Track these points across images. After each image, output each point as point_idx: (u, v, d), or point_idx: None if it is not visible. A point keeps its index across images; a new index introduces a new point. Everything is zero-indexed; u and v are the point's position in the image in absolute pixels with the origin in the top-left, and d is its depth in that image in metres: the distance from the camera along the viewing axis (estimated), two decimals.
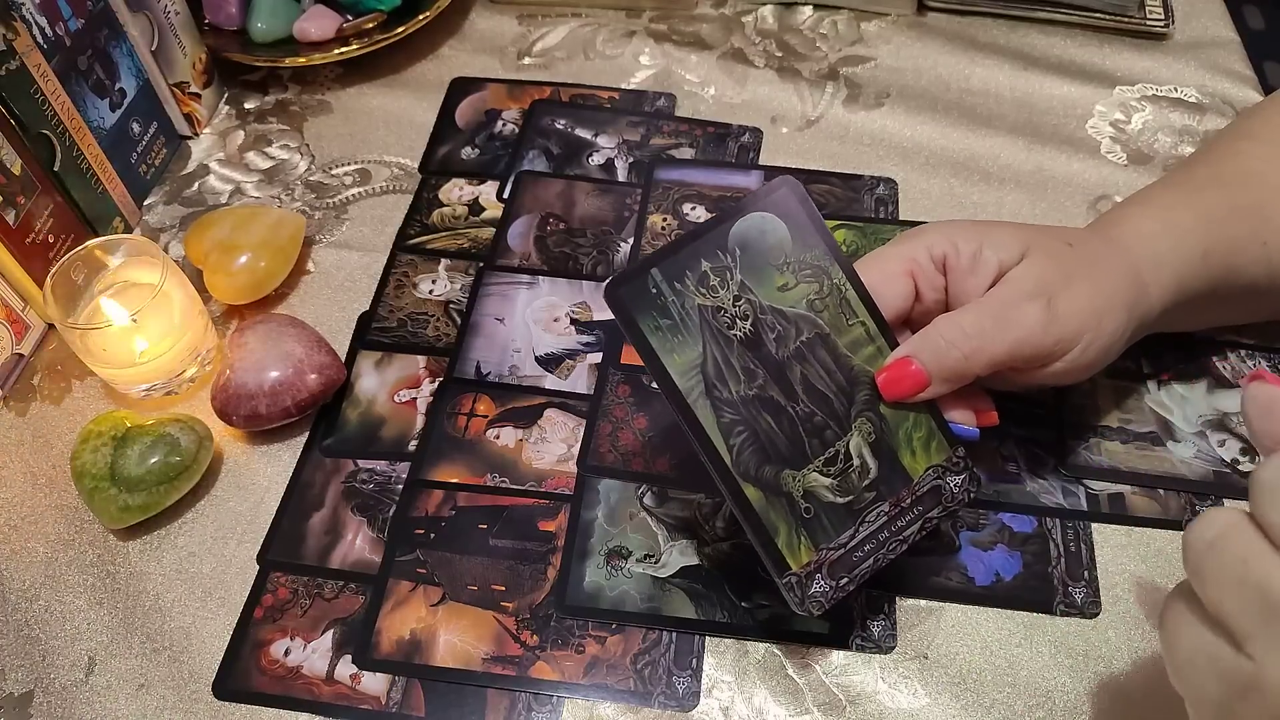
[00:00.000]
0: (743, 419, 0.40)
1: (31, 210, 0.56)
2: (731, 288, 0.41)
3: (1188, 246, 0.46)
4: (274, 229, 0.59)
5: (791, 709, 0.45)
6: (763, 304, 0.41)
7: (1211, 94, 0.68)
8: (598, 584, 0.48)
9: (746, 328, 0.41)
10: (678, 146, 0.67)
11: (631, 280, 0.40)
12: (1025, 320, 0.42)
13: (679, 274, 0.40)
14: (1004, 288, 0.43)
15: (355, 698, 0.46)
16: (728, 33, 0.75)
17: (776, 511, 0.40)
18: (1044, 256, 0.43)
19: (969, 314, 0.42)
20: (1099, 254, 0.45)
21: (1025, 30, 0.74)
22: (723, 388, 0.40)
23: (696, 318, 0.40)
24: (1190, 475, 0.51)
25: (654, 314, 0.40)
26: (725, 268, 0.41)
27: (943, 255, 0.44)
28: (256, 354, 0.53)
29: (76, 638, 0.48)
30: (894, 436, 0.42)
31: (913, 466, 0.42)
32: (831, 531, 0.41)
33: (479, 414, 0.54)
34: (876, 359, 0.42)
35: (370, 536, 0.50)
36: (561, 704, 0.45)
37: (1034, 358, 0.42)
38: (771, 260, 0.41)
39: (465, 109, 0.70)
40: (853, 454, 0.41)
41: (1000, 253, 0.43)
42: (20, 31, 0.54)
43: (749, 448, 0.40)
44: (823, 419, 0.41)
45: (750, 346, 0.41)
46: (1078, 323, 0.42)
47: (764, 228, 0.41)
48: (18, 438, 0.55)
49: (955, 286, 0.44)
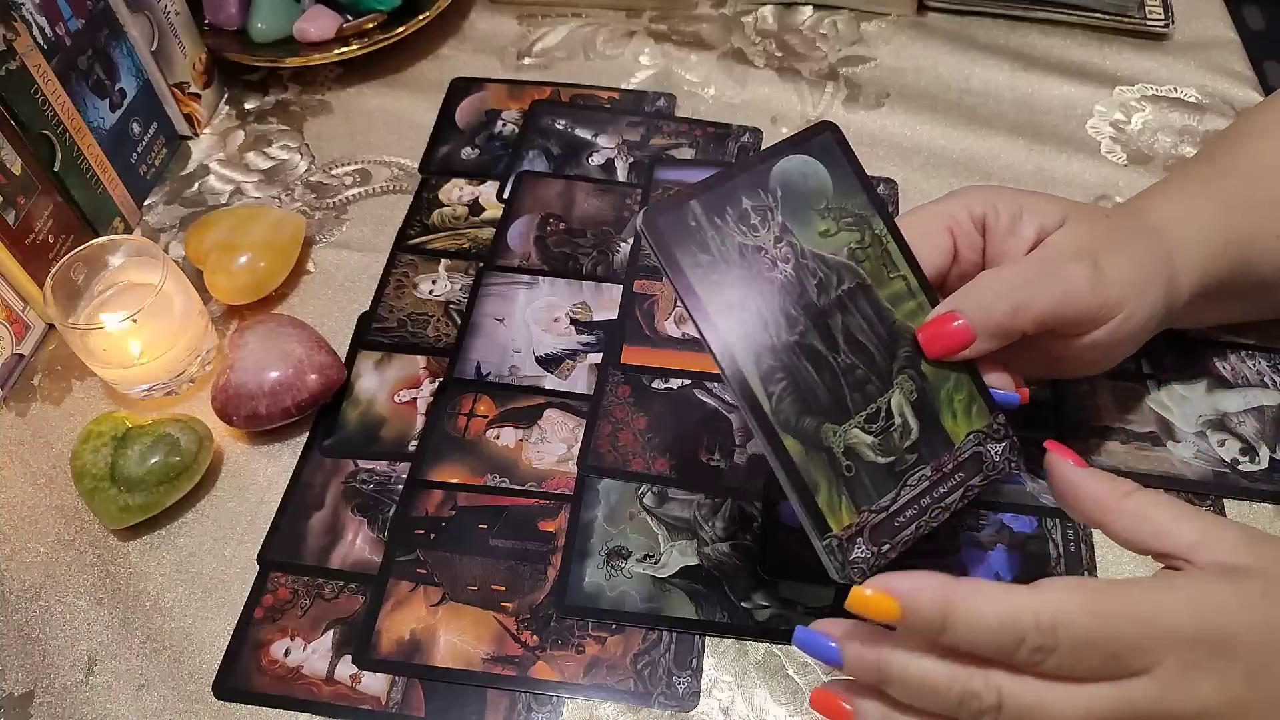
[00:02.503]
0: (783, 366, 0.38)
1: (31, 210, 0.56)
2: (773, 228, 0.38)
3: (1211, 234, 0.46)
4: (274, 229, 0.59)
5: (791, 709, 0.45)
6: (804, 248, 0.39)
7: (1211, 94, 0.68)
8: (598, 584, 0.48)
9: (788, 270, 0.38)
10: (678, 147, 0.67)
11: (670, 210, 0.37)
12: (1072, 277, 0.41)
13: (719, 209, 0.38)
14: (1049, 248, 0.42)
15: (355, 698, 0.46)
16: (728, 33, 0.75)
17: (816, 466, 0.38)
18: (1085, 223, 0.43)
19: (1015, 268, 0.41)
20: (1136, 229, 0.44)
21: (1025, 30, 0.74)
22: (762, 332, 0.38)
23: (736, 256, 0.38)
24: (1190, 475, 0.51)
25: (693, 248, 0.37)
26: (766, 207, 0.38)
27: (982, 215, 0.43)
28: (256, 354, 0.53)
29: (76, 638, 0.48)
30: (935, 397, 0.40)
31: (954, 430, 0.40)
32: (874, 493, 0.38)
33: (479, 414, 0.54)
34: (918, 315, 0.41)
35: (370, 536, 0.50)
36: (561, 704, 0.45)
37: (1079, 320, 0.42)
38: (813, 204, 0.39)
39: (465, 109, 0.70)
40: (894, 412, 0.39)
41: (1041, 217, 0.43)
42: (20, 31, 0.54)
43: (788, 396, 0.38)
44: (864, 372, 0.39)
45: (790, 291, 0.38)
46: (1121, 288, 0.42)
47: (805, 170, 0.39)
48: (18, 438, 0.55)
49: (993, 248, 0.43)
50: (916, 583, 0.33)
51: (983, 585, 0.33)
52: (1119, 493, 0.37)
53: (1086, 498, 0.38)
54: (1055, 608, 0.32)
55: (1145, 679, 0.32)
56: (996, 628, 0.32)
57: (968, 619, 0.32)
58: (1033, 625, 0.32)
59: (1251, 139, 0.50)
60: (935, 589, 0.33)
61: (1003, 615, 0.32)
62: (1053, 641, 0.32)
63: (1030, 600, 0.32)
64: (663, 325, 0.58)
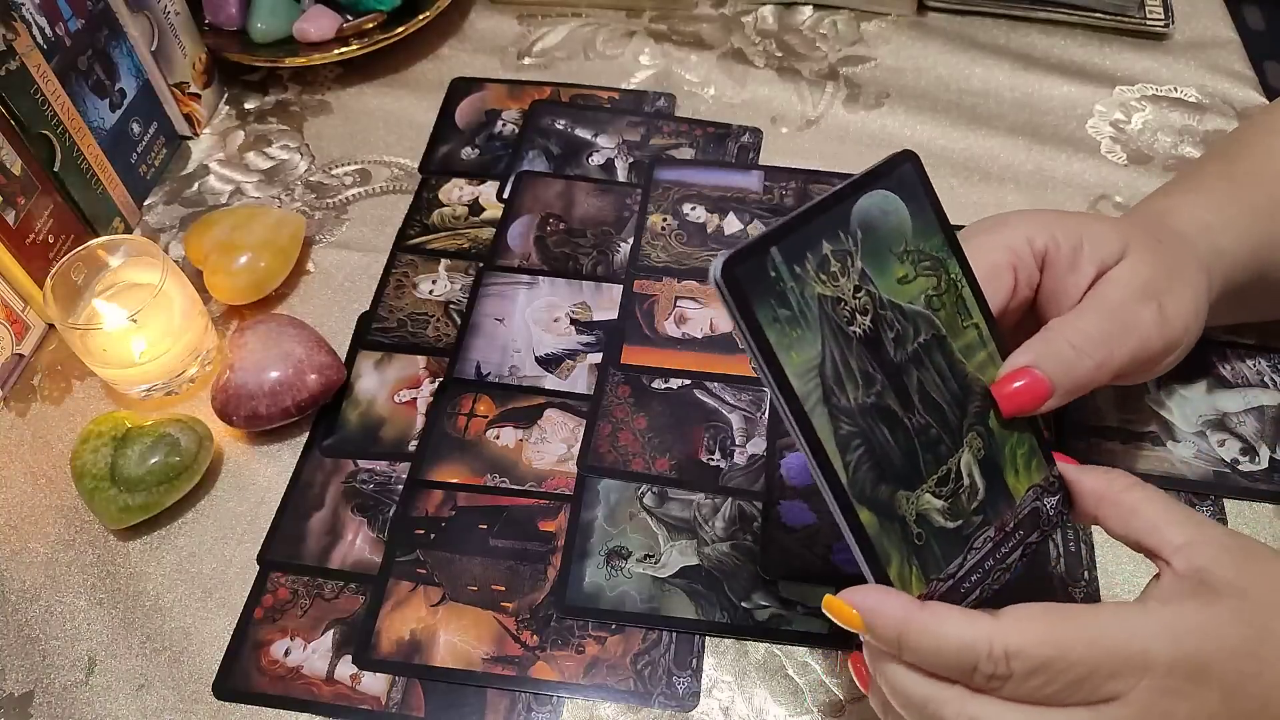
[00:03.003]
0: (860, 431, 0.35)
1: (31, 210, 0.56)
2: (852, 276, 0.35)
3: (1241, 242, 0.45)
4: (274, 229, 0.59)
5: (791, 709, 0.45)
6: (882, 297, 0.36)
7: (1211, 94, 0.68)
8: (598, 584, 0.48)
9: (866, 324, 0.36)
10: (678, 146, 0.67)
11: (749, 259, 0.33)
12: (1142, 325, 0.40)
13: (799, 255, 0.34)
14: (1116, 290, 0.40)
15: (355, 698, 0.46)
16: (728, 33, 0.75)
17: (890, 538, 0.36)
18: (1146, 255, 0.42)
19: (1089, 319, 0.40)
20: (1183, 253, 0.43)
21: (1025, 30, 0.74)
22: (840, 394, 0.35)
23: (816, 309, 0.35)
24: (1190, 475, 0.51)
25: (772, 302, 0.34)
26: (846, 252, 0.35)
27: (1044, 248, 0.42)
28: (256, 354, 0.53)
29: (76, 638, 0.48)
30: (1000, 453, 0.38)
31: (1015, 487, 0.38)
32: (942, 561, 0.37)
33: (479, 414, 0.54)
34: (988, 366, 0.38)
35: (370, 536, 0.50)
36: (561, 704, 0.45)
37: (1145, 363, 0.41)
38: (892, 247, 0.36)
39: (465, 109, 0.70)
40: (963, 473, 0.37)
41: (1101, 249, 0.41)
42: (20, 31, 0.54)
43: (865, 464, 0.36)
44: (937, 432, 0.37)
45: (869, 346, 0.36)
46: (1182, 324, 0.41)
47: (886, 208, 0.36)
48: (18, 438, 0.55)
49: (1052, 283, 0.42)
50: (879, 601, 0.34)
51: (944, 611, 0.34)
52: (1116, 486, 0.37)
53: (1084, 491, 0.38)
54: (1009, 637, 0.32)
55: (1119, 705, 0.32)
56: (951, 654, 0.33)
57: (922, 643, 0.33)
58: (985, 654, 0.32)
59: (1269, 139, 0.50)
60: (894, 611, 0.34)
61: (957, 642, 0.33)
62: (1005, 669, 0.32)
63: (987, 629, 0.33)
64: (663, 325, 0.58)
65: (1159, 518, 0.35)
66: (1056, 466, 0.39)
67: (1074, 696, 0.32)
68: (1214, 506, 0.50)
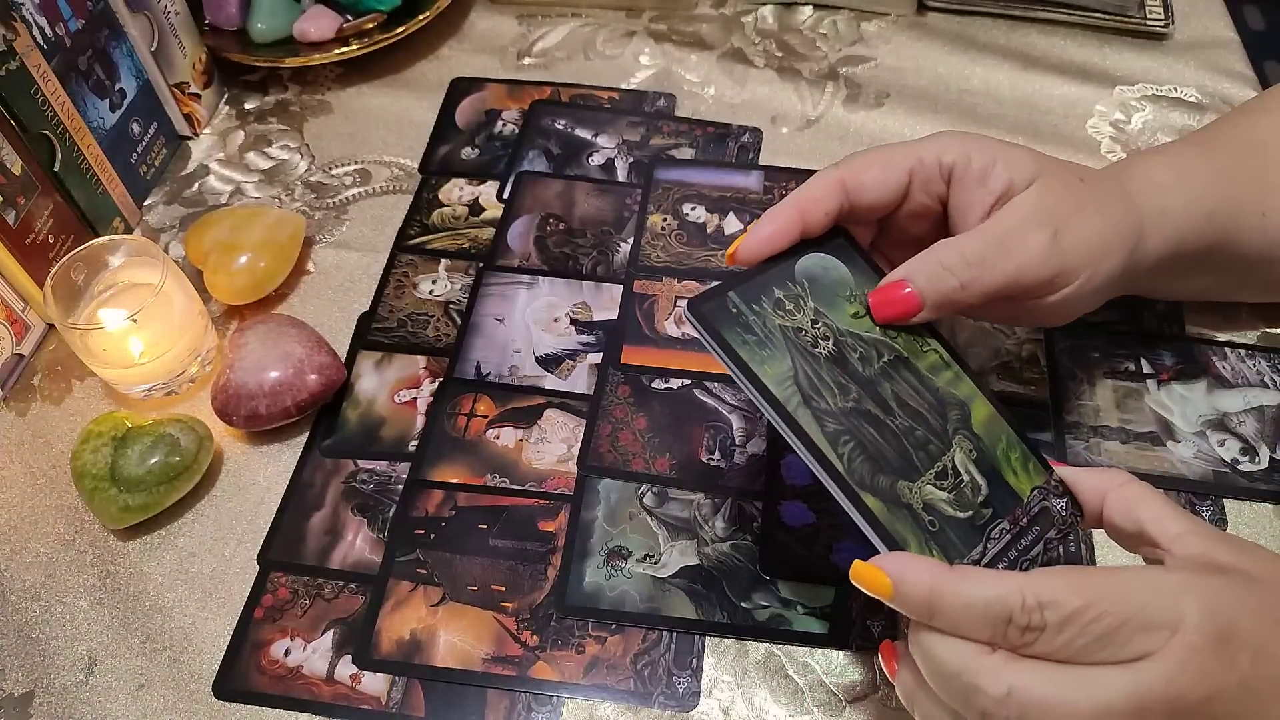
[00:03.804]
0: (847, 429, 0.38)
1: (31, 210, 0.56)
2: (807, 311, 0.40)
3: (1197, 204, 0.46)
4: (274, 229, 0.59)
5: (791, 709, 0.45)
6: (840, 327, 0.40)
7: (1211, 94, 0.68)
8: (598, 584, 0.48)
9: (829, 346, 0.39)
10: (678, 146, 0.67)
11: (711, 299, 0.39)
12: (1028, 249, 0.41)
13: (755, 297, 0.39)
14: (1011, 213, 0.42)
15: (355, 698, 0.46)
16: (728, 33, 0.75)
17: (902, 523, 0.37)
18: (1057, 184, 0.42)
19: (969, 240, 0.41)
20: (1109, 193, 0.44)
21: (1025, 30, 0.74)
22: (819, 399, 0.38)
23: (780, 336, 0.39)
24: (1190, 475, 0.51)
25: (738, 329, 0.39)
26: (797, 295, 0.40)
27: (951, 163, 0.43)
28: (256, 354, 0.53)
29: (76, 638, 0.48)
30: (993, 455, 0.40)
31: (1018, 486, 0.39)
32: (961, 546, 0.37)
33: (479, 414, 0.54)
34: (957, 383, 0.41)
35: (370, 536, 0.50)
36: (561, 704, 0.45)
37: (1030, 289, 0.42)
38: (839, 292, 0.41)
39: (465, 109, 0.70)
40: (960, 469, 0.39)
41: (1014, 171, 0.42)
42: (20, 31, 0.54)
43: (859, 456, 0.37)
44: (924, 433, 0.39)
45: (837, 363, 0.39)
46: (1078, 258, 0.42)
47: (825, 265, 0.41)
48: (18, 438, 0.55)
49: (959, 197, 0.43)
50: (905, 565, 0.34)
51: (971, 570, 0.34)
52: (1116, 481, 0.38)
53: (1086, 490, 0.39)
54: (1040, 588, 0.32)
55: (1152, 661, 0.32)
56: (983, 608, 0.33)
57: (954, 601, 0.33)
58: (1019, 604, 0.32)
59: (1251, 115, 0.51)
60: (923, 573, 0.34)
61: (989, 596, 0.32)
62: (1040, 620, 0.32)
63: (1016, 581, 0.33)
64: (663, 325, 0.58)
65: (1159, 509, 0.36)
66: (1055, 472, 0.40)
67: (1104, 651, 0.32)
68: (1214, 506, 0.50)
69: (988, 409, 0.41)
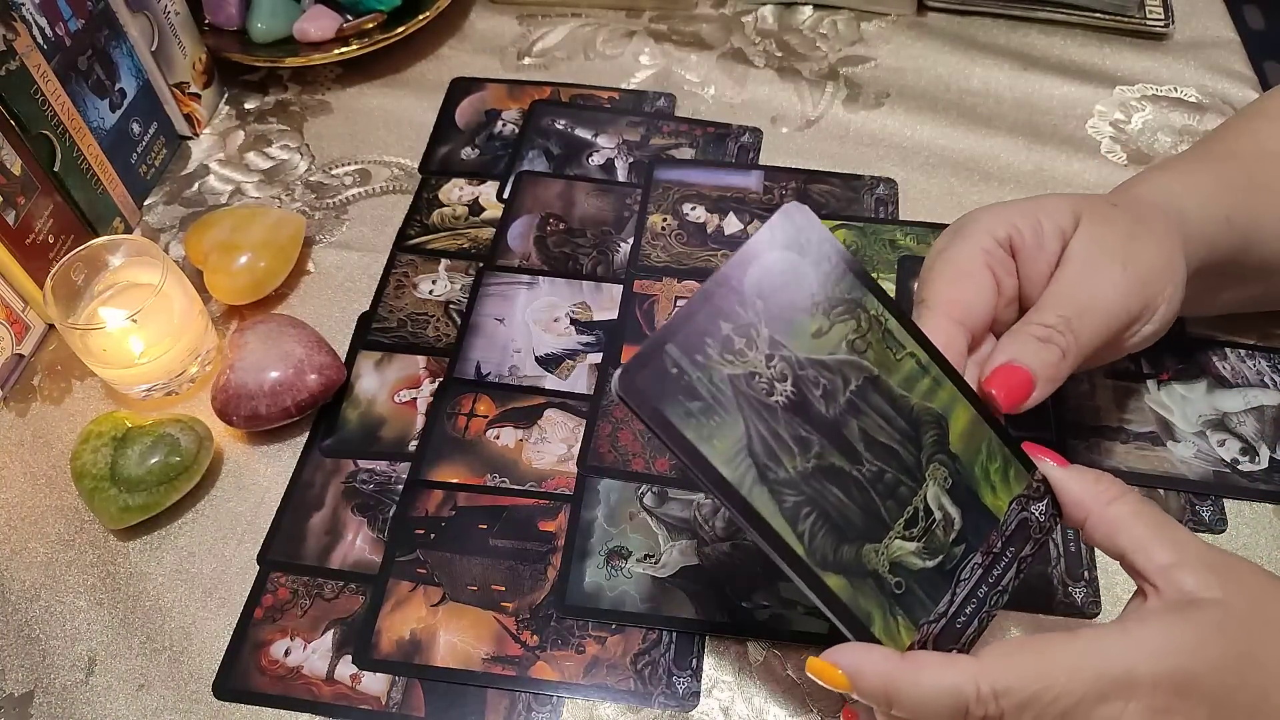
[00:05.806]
0: (807, 498, 0.35)
1: (31, 210, 0.56)
2: (761, 346, 0.35)
3: (1211, 209, 0.45)
4: (274, 229, 0.59)
5: (791, 709, 0.45)
6: (799, 358, 0.35)
7: (1211, 94, 0.68)
8: (598, 584, 0.48)
9: (788, 390, 0.35)
10: (678, 146, 0.67)
11: (646, 365, 0.33)
12: (1107, 294, 0.40)
13: (698, 344, 0.34)
14: (1073, 264, 0.41)
15: (355, 698, 0.46)
16: (728, 33, 0.75)
17: (866, 596, 0.35)
18: (1099, 220, 0.42)
19: (1049, 310, 0.40)
20: (1145, 213, 0.43)
21: (1025, 30, 0.74)
22: (777, 467, 0.35)
23: (730, 391, 0.34)
24: (1190, 475, 0.51)
25: (680, 398, 0.33)
26: (749, 324, 0.35)
27: (1008, 237, 0.42)
28: (256, 354, 0.53)
29: (76, 638, 0.48)
30: (971, 476, 0.38)
31: (996, 505, 0.38)
32: (929, 603, 0.36)
33: (479, 414, 0.54)
34: (935, 391, 0.38)
35: (370, 536, 0.51)
36: (561, 704, 0.45)
37: (1124, 328, 0.41)
38: (799, 305, 0.36)
39: (465, 109, 0.70)
40: (932, 507, 0.37)
41: (1058, 219, 0.42)
42: (20, 31, 0.54)
43: (821, 530, 0.35)
44: (893, 476, 0.36)
45: (797, 411, 0.35)
46: (1155, 279, 0.41)
47: (780, 268, 0.35)
48: (18, 438, 0.55)
49: (1026, 267, 0.42)
50: (860, 660, 0.34)
51: (925, 660, 0.34)
52: (1102, 499, 0.37)
53: (1069, 500, 0.38)
54: (994, 676, 0.33)
55: None
56: (936, 701, 0.33)
57: (911, 693, 0.33)
58: (973, 695, 0.32)
59: (1252, 123, 0.50)
60: (877, 667, 0.34)
61: (942, 687, 0.33)
62: (996, 709, 0.32)
63: (971, 670, 0.33)
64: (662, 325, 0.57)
65: (1143, 536, 0.35)
66: (1038, 471, 0.39)
67: None
68: (1214, 506, 0.50)
69: (969, 414, 0.38)
